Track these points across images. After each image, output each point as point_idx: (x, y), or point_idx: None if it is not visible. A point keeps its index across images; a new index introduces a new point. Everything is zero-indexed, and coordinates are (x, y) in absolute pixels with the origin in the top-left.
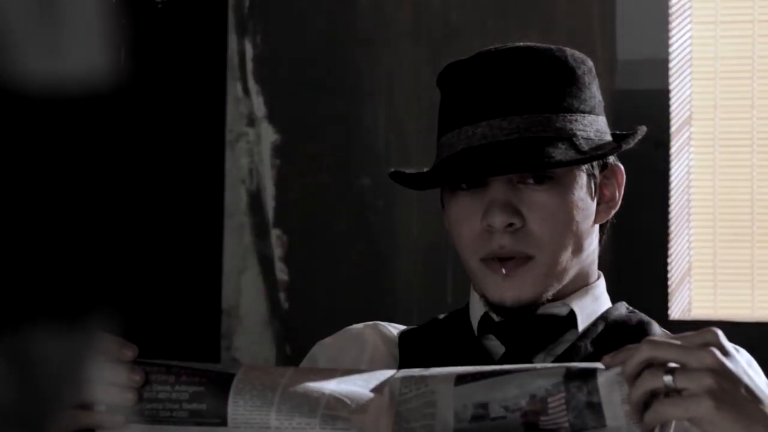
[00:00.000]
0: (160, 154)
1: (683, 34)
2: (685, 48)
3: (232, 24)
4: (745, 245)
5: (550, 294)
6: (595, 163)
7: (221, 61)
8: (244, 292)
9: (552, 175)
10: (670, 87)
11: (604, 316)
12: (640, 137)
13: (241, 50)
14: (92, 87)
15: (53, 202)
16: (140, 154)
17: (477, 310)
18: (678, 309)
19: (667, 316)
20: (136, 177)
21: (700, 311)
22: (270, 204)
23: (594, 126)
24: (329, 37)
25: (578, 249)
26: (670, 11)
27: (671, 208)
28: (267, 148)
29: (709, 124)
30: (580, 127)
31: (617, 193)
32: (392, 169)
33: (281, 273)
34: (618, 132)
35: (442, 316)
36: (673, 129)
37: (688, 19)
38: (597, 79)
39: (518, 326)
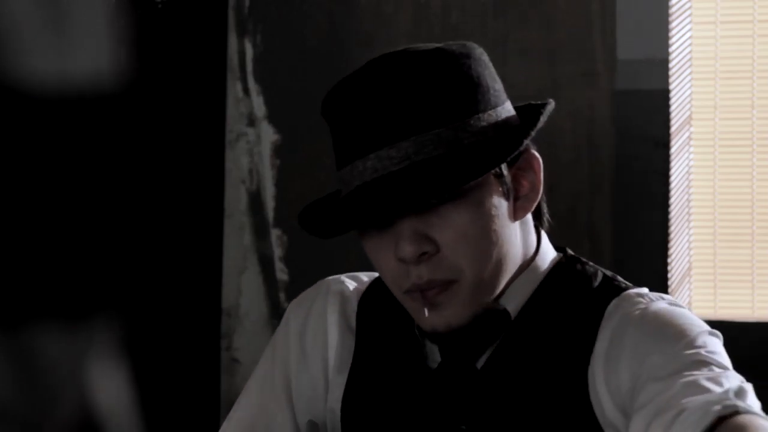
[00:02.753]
0: (160, 154)
1: (683, 34)
2: (685, 48)
3: (232, 24)
4: (745, 245)
5: (481, 308)
6: (500, 167)
7: (221, 61)
8: (244, 292)
9: (462, 192)
10: (670, 87)
11: (535, 295)
12: (548, 114)
13: (241, 50)
14: (94, 85)
15: (56, 201)
16: (140, 153)
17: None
18: None
19: None
20: (136, 177)
21: (700, 311)
22: (270, 204)
23: (493, 120)
24: (329, 37)
25: (502, 256)
26: (670, 11)
27: (671, 208)
28: (267, 148)
29: (709, 124)
30: (476, 129)
31: (537, 182)
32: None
33: (281, 273)
34: (526, 105)
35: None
36: (673, 129)
37: (688, 19)
38: (490, 66)
39: (453, 336)
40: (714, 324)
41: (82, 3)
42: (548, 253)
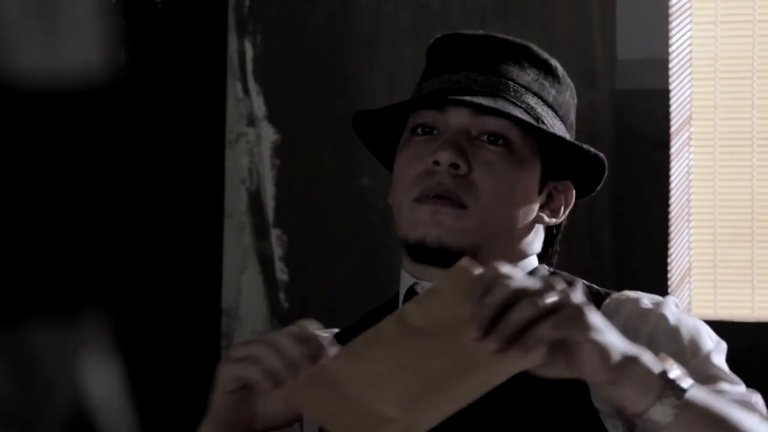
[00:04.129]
0: (160, 154)
1: (683, 34)
2: (685, 48)
3: (232, 24)
4: (745, 245)
5: (468, 254)
6: (550, 167)
7: (221, 61)
8: (244, 292)
9: (508, 142)
10: (670, 87)
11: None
12: (602, 176)
13: (241, 50)
14: (88, 82)
15: (50, 198)
16: (140, 153)
17: (405, 283)
18: None
19: None
20: (136, 177)
21: (700, 311)
22: (270, 204)
23: (560, 130)
24: (329, 37)
25: (511, 224)
26: (670, 11)
27: (671, 208)
28: (267, 148)
29: (709, 124)
30: (549, 121)
31: (563, 209)
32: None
33: (281, 273)
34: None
35: (372, 309)
36: (673, 129)
37: (688, 19)
38: (575, 109)
39: None
40: (714, 324)
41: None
42: (535, 263)
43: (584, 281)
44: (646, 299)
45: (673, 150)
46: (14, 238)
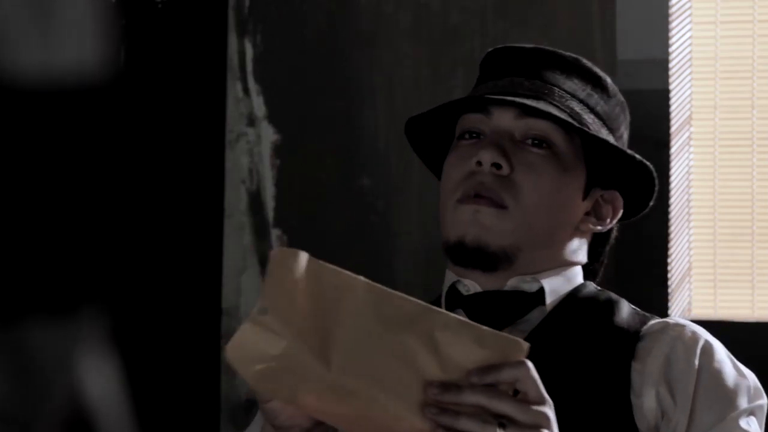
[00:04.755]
0: (159, 154)
1: (683, 34)
2: (685, 48)
3: (232, 24)
4: (745, 245)
5: (508, 255)
6: (596, 174)
7: (221, 61)
8: (244, 292)
9: (552, 145)
10: (670, 87)
11: (572, 293)
12: (650, 200)
13: (241, 50)
14: (88, 82)
15: (48, 197)
16: (140, 153)
17: (447, 281)
18: (678, 309)
19: (667, 316)
20: (136, 176)
21: (700, 311)
22: (270, 204)
23: (604, 137)
24: (329, 37)
25: (551, 228)
26: (670, 11)
27: (671, 208)
28: (267, 148)
29: (709, 124)
30: (595, 128)
31: (610, 218)
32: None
33: None
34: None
35: None
36: (673, 129)
37: (688, 19)
38: (627, 124)
39: (485, 300)
40: (714, 324)
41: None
42: (580, 274)
43: (629, 303)
44: (692, 332)
45: (673, 150)
46: (13, 237)
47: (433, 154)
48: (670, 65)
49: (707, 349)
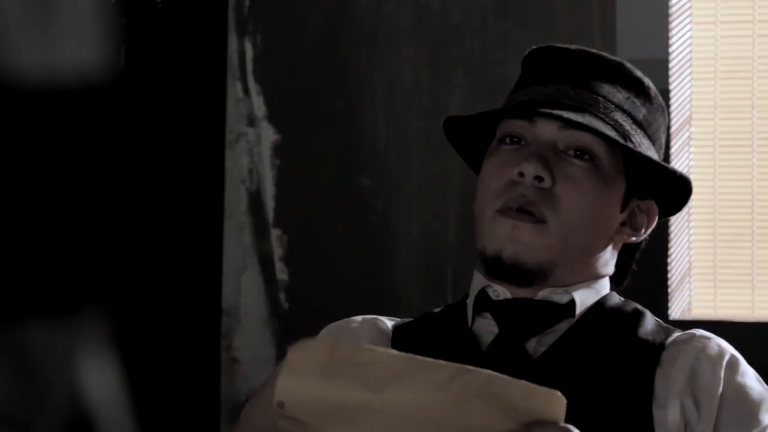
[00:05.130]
0: (160, 154)
1: (683, 34)
2: (685, 48)
3: (232, 24)
4: (745, 245)
5: (544, 271)
6: (634, 185)
7: (221, 61)
8: (244, 292)
9: (594, 158)
10: (670, 87)
11: (600, 302)
12: (685, 198)
13: (241, 50)
14: (88, 82)
15: (49, 197)
16: (140, 153)
17: (477, 284)
18: (678, 309)
19: (667, 316)
20: (136, 176)
21: (700, 311)
22: (270, 204)
23: (647, 148)
24: (329, 37)
25: (590, 242)
26: (670, 11)
27: None
28: (267, 148)
29: (709, 124)
30: (637, 139)
31: (644, 228)
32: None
33: (281, 273)
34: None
35: (437, 309)
36: (673, 129)
37: (688, 19)
38: (665, 128)
39: (515, 307)
40: (714, 324)
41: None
42: (608, 285)
43: (653, 315)
44: (718, 345)
45: (673, 150)
46: (13, 238)
47: (471, 149)
48: (670, 65)
49: (733, 363)
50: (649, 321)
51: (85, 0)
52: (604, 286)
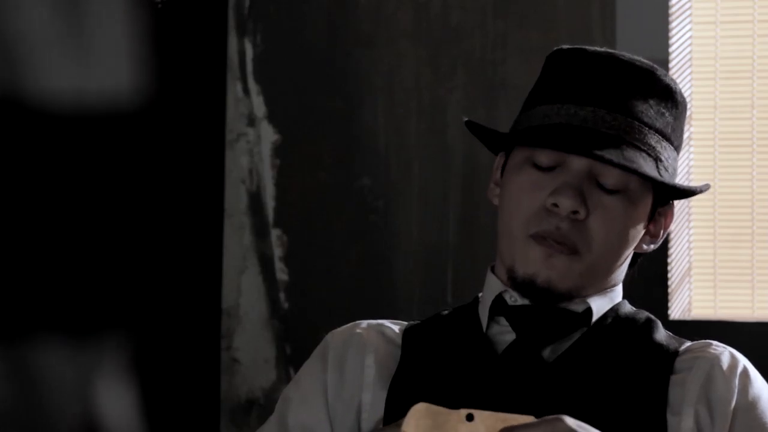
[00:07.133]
0: (159, 154)
1: (683, 34)
2: (685, 48)
3: (232, 24)
4: (745, 245)
5: (572, 294)
6: (659, 197)
7: (221, 61)
8: (244, 292)
9: (627, 189)
10: None
11: (614, 309)
12: (702, 192)
13: (241, 50)
14: (119, 104)
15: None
16: (139, 153)
17: (493, 289)
18: (678, 309)
19: (667, 316)
20: (136, 176)
21: (700, 311)
22: (270, 204)
23: (672, 160)
24: (329, 37)
25: (616, 265)
26: (670, 11)
27: None
28: (267, 148)
29: (709, 124)
30: (666, 155)
31: (662, 232)
32: (466, 119)
33: (281, 273)
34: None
35: (445, 312)
36: None
37: (688, 19)
38: (685, 121)
39: (531, 313)
40: (714, 324)
41: (110, 21)
42: (621, 292)
43: (662, 325)
44: (731, 355)
45: None
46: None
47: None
48: (670, 65)
49: (746, 373)
50: (662, 330)
51: (117, 23)
52: (617, 294)
